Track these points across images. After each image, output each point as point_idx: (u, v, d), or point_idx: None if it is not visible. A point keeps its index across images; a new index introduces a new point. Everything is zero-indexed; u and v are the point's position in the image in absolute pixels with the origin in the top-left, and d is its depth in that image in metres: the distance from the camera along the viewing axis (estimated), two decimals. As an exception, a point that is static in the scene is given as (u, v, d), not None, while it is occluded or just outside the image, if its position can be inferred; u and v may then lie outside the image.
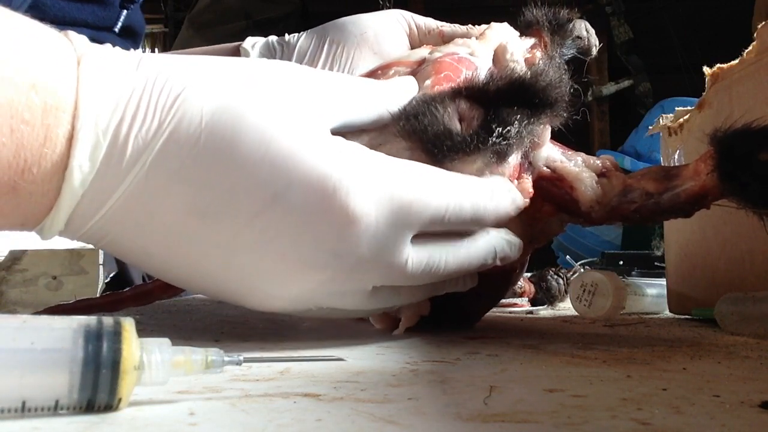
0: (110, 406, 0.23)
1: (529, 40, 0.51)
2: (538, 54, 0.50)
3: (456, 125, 0.40)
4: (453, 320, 0.51)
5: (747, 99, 0.53)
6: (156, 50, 3.48)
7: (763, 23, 0.52)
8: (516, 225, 0.47)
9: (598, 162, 0.48)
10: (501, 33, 0.50)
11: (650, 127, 0.69)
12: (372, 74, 0.48)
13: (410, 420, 0.23)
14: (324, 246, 0.35)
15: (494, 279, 0.47)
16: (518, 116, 0.41)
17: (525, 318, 0.64)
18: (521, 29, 0.52)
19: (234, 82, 0.35)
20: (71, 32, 0.33)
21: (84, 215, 0.33)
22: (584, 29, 0.53)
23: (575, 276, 0.69)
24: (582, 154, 0.49)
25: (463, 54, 0.47)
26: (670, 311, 0.66)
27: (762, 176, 0.40)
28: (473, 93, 0.41)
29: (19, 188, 0.31)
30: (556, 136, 0.49)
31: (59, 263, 0.70)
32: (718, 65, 0.57)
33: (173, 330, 0.50)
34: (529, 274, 0.77)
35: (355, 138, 0.40)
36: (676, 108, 0.65)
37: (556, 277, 0.74)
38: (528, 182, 0.45)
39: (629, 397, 0.27)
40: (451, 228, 0.40)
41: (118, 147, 0.32)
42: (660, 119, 0.67)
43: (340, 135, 0.38)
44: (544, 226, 0.49)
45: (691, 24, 2.71)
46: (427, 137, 0.39)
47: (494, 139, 0.40)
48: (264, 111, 0.34)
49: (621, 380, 0.30)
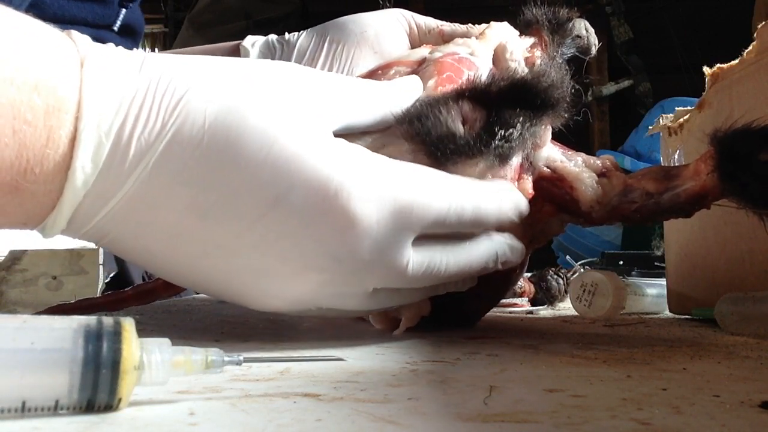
0: (110, 406, 0.23)
1: (529, 40, 0.51)
2: (538, 53, 0.50)
3: (459, 128, 0.40)
4: (453, 320, 0.51)
5: (747, 99, 0.53)
6: (156, 50, 3.48)
7: (763, 23, 0.52)
8: (516, 225, 0.47)
9: (599, 162, 0.48)
10: (501, 32, 0.50)
11: (650, 127, 0.69)
12: (372, 74, 0.48)
13: (410, 420, 0.23)
14: (325, 249, 0.35)
15: (494, 279, 0.47)
16: (520, 118, 0.41)
17: (525, 318, 0.64)
18: (521, 28, 0.52)
19: (237, 84, 0.35)
20: (74, 32, 0.33)
21: (86, 214, 0.33)
22: (584, 28, 0.53)
23: (575, 276, 0.69)
24: (582, 155, 0.49)
25: (464, 54, 0.47)
26: (670, 311, 0.66)
27: (762, 176, 0.40)
28: (476, 95, 0.41)
29: (22, 188, 0.31)
30: (557, 136, 0.49)
31: (59, 263, 0.70)
32: (718, 65, 0.57)
33: (173, 330, 0.50)
34: (529, 274, 0.77)
35: (358, 140, 0.40)
36: (676, 108, 0.65)
37: (556, 277, 0.74)
38: (528, 183, 0.45)
39: (629, 397, 0.27)
40: (453, 230, 0.40)
41: (121, 148, 0.32)
42: (660, 119, 0.67)
43: (343, 137, 0.38)
44: (545, 227, 0.49)
45: (691, 24, 2.71)
46: (431, 140, 0.39)
47: (497, 142, 0.40)
48: (267, 113, 0.34)
49: (621, 380, 0.30)
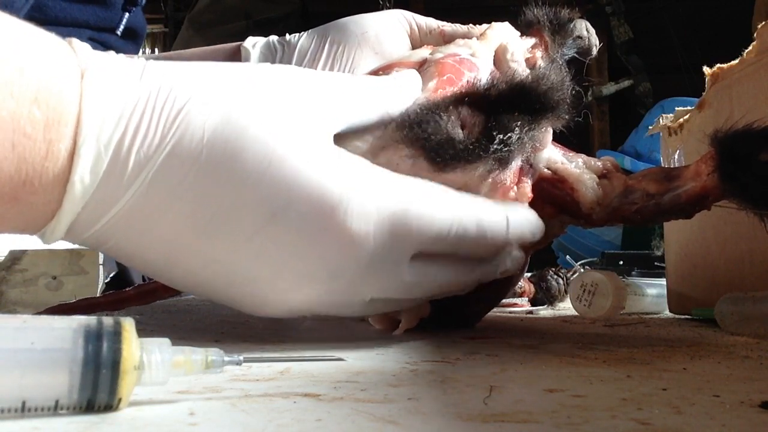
0: (110, 406, 0.23)
1: (530, 40, 0.51)
2: (539, 54, 0.50)
3: (458, 133, 0.40)
4: (453, 321, 0.51)
5: (747, 99, 0.53)
6: (156, 50, 3.48)
7: (763, 23, 0.52)
8: None
9: (599, 163, 0.48)
10: (502, 33, 0.50)
11: (650, 127, 0.69)
12: (373, 75, 0.47)
13: (410, 420, 0.23)
14: (322, 264, 0.36)
15: (495, 281, 0.47)
16: (519, 122, 0.41)
17: (525, 318, 0.64)
18: (522, 29, 0.52)
19: (237, 93, 0.35)
20: (75, 41, 0.33)
21: (85, 223, 0.33)
22: (585, 29, 0.53)
23: (575, 276, 0.69)
24: (583, 156, 0.48)
25: (465, 55, 0.47)
26: (670, 311, 0.66)
27: (763, 177, 0.40)
28: (475, 99, 0.41)
29: (21, 198, 0.31)
30: (557, 137, 0.49)
31: (59, 263, 0.70)
32: (718, 65, 0.57)
33: (173, 330, 0.50)
34: (529, 274, 0.77)
35: (358, 141, 0.40)
36: (676, 108, 0.65)
37: (556, 277, 0.74)
38: (527, 186, 0.45)
39: (629, 397, 0.27)
40: (455, 249, 0.40)
41: (120, 161, 0.32)
42: (660, 119, 0.67)
43: (345, 136, 0.38)
44: (545, 228, 0.49)
45: (691, 24, 2.71)
46: (430, 146, 0.39)
47: (495, 146, 0.40)
48: (266, 123, 0.34)
49: (621, 380, 0.30)
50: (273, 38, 0.55)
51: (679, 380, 0.30)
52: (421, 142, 0.39)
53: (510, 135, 0.40)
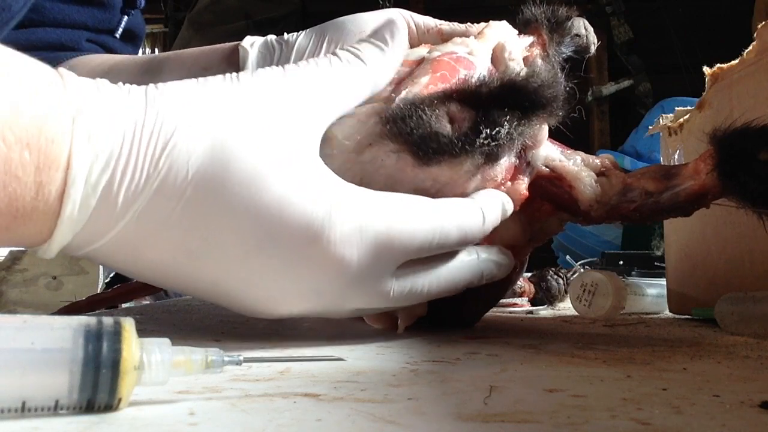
0: (110, 406, 0.23)
1: (528, 39, 0.51)
2: (537, 52, 0.50)
3: (444, 127, 0.40)
4: (452, 321, 0.51)
5: (747, 99, 0.53)
6: (156, 50, 3.48)
7: (763, 23, 0.52)
8: (515, 224, 0.47)
9: (598, 161, 0.48)
10: (499, 32, 0.50)
11: (650, 127, 0.69)
12: None
13: (410, 420, 0.23)
14: (308, 285, 0.37)
15: (495, 281, 0.47)
16: (508, 117, 0.41)
17: (525, 318, 0.64)
18: (520, 27, 0.51)
19: (219, 122, 0.35)
20: (65, 73, 0.33)
21: (77, 248, 0.34)
22: (583, 27, 0.53)
23: (575, 276, 0.69)
24: (581, 153, 0.48)
25: (462, 53, 0.47)
26: (670, 311, 0.66)
27: (761, 176, 0.40)
28: (464, 95, 0.42)
29: (13, 229, 0.32)
30: (557, 136, 0.49)
31: (59, 263, 0.70)
32: (718, 65, 0.57)
33: (173, 330, 0.50)
34: (529, 274, 0.77)
35: (345, 137, 0.40)
36: (676, 108, 0.65)
37: (556, 277, 0.74)
38: (522, 183, 0.45)
39: (629, 397, 0.27)
40: (437, 252, 0.41)
41: (110, 200, 0.33)
42: (660, 119, 0.67)
43: (330, 134, 0.39)
44: (543, 225, 0.49)
45: (691, 24, 2.71)
46: (413, 139, 0.40)
47: (481, 141, 0.40)
48: (250, 151, 0.35)
49: (621, 380, 0.30)
50: (271, 37, 0.54)
51: (679, 380, 0.30)
52: (405, 137, 0.40)
53: (498, 130, 0.40)
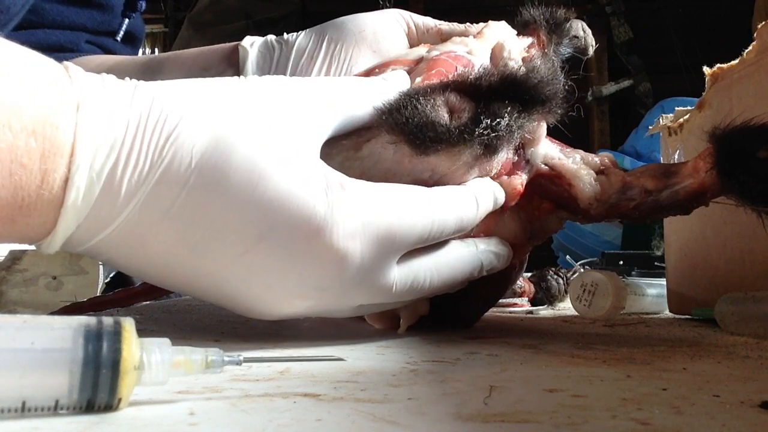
0: (110, 406, 0.23)
1: (527, 39, 0.51)
2: (535, 53, 0.50)
3: (442, 116, 0.40)
4: (452, 320, 0.51)
5: (747, 99, 0.53)
6: (156, 50, 3.48)
7: (763, 23, 0.52)
8: (514, 222, 0.47)
9: (597, 159, 0.48)
10: (498, 31, 0.50)
11: (650, 127, 0.69)
12: (370, 72, 0.48)
13: (410, 420, 0.23)
14: (310, 281, 0.37)
15: (493, 278, 0.47)
16: (508, 109, 0.41)
17: (525, 318, 0.64)
18: (518, 29, 0.52)
19: (224, 116, 0.35)
20: (71, 66, 0.33)
21: (80, 240, 0.34)
22: (581, 29, 0.53)
23: (575, 276, 0.69)
24: (580, 152, 0.48)
25: (461, 52, 0.47)
26: (670, 311, 0.66)
27: (761, 174, 0.40)
28: (464, 86, 0.42)
29: (18, 220, 0.32)
30: (557, 136, 0.49)
31: (59, 263, 0.70)
32: (718, 65, 0.57)
33: (173, 330, 0.50)
34: (529, 274, 0.77)
35: (344, 137, 0.41)
36: (676, 108, 0.65)
37: (556, 277, 0.74)
38: (519, 179, 0.45)
39: (629, 397, 0.27)
40: (435, 242, 0.41)
41: (113, 188, 0.33)
42: (660, 119, 0.67)
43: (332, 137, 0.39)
44: (543, 224, 0.49)
45: (691, 24, 2.71)
46: (409, 129, 0.40)
47: (481, 130, 0.40)
48: (252, 147, 0.35)
49: (621, 380, 0.30)
50: (271, 37, 0.55)
51: (679, 380, 0.30)
52: (401, 127, 0.40)
53: (498, 121, 0.41)
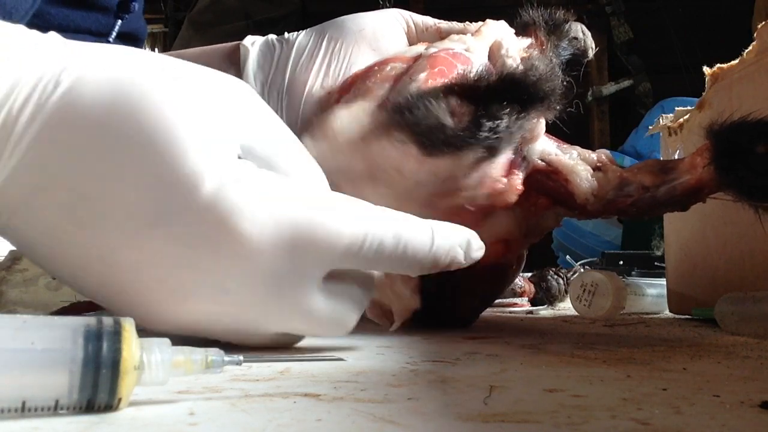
0: (110, 406, 0.23)
1: (526, 40, 0.51)
2: (533, 52, 0.50)
3: (449, 120, 0.41)
4: (448, 320, 0.51)
5: (747, 99, 0.53)
6: (156, 50, 3.48)
7: (763, 23, 0.52)
8: (508, 218, 0.47)
9: (594, 156, 0.48)
10: (497, 30, 0.50)
11: (650, 127, 0.69)
12: (369, 70, 0.48)
13: (410, 420, 0.23)
14: (210, 278, 0.32)
15: (489, 276, 0.47)
16: (508, 110, 0.41)
17: (525, 318, 0.64)
18: (518, 30, 0.52)
19: (138, 60, 0.32)
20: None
21: None
22: (580, 31, 0.53)
23: (575, 276, 0.69)
24: (577, 148, 0.49)
25: (458, 49, 0.47)
26: (670, 311, 0.66)
27: (758, 169, 0.41)
28: (464, 89, 0.42)
29: None
30: (556, 136, 0.49)
31: (59, 263, 0.70)
32: (718, 65, 0.57)
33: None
34: (529, 274, 0.77)
35: (345, 123, 0.41)
36: (676, 108, 0.65)
37: (556, 277, 0.74)
38: (517, 179, 0.45)
39: (629, 397, 0.27)
40: (374, 268, 0.36)
41: (9, 121, 0.29)
42: (660, 119, 0.67)
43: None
44: (540, 220, 0.49)
45: (691, 24, 2.71)
46: (420, 130, 0.40)
47: (485, 133, 0.40)
48: (172, 102, 0.31)
49: (621, 380, 0.30)
50: (272, 37, 0.55)
51: (679, 380, 0.30)
52: (411, 127, 0.40)
53: (498, 123, 0.41)
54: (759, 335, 0.46)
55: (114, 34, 0.73)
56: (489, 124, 0.40)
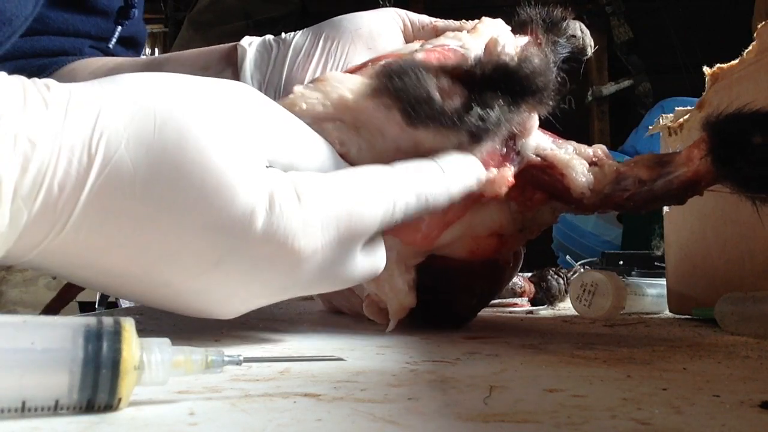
0: (110, 406, 0.23)
1: (523, 38, 0.51)
2: (531, 49, 0.50)
3: (437, 95, 0.41)
4: (446, 318, 0.51)
5: (747, 99, 0.53)
6: (156, 50, 3.48)
7: (763, 23, 0.52)
8: (500, 212, 0.47)
9: (590, 151, 0.48)
10: (493, 27, 0.50)
11: (650, 127, 0.69)
12: (363, 66, 0.48)
13: (410, 420, 0.23)
14: (273, 285, 0.36)
15: (485, 272, 0.47)
16: (500, 101, 0.41)
17: (525, 318, 0.64)
18: (516, 28, 0.52)
19: (150, 86, 0.32)
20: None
21: (18, 257, 0.32)
22: (579, 29, 0.53)
23: (575, 276, 0.69)
24: (573, 143, 0.48)
25: (454, 46, 0.47)
26: (670, 311, 0.66)
27: (754, 159, 0.40)
28: (458, 72, 0.42)
29: None
30: (555, 134, 0.49)
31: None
32: (718, 65, 0.57)
33: (173, 330, 0.50)
34: (529, 274, 0.77)
35: (349, 80, 0.41)
36: (676, 108, 0.65)
37: (556, 277, 0.74)
38: (509, 171, 0.45)
39: (629, 397, 0.27)
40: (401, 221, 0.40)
41: (48, 205, 0.30)
42: (660, 119, 0.67)
43: None
44: (536, 215, 0.49)
45: (691, 24, 2.71)
46: (407, 97, 0.40)
47: (472, 119, 0.40)
48: (212, 134, 0.32)
49: (621, 380, 0.30)
50: (269, 37, 0.55)
51: (679, 380, 0.30)
52: (399, 93, 0.40)
53: (488, 111, 0.41)
54: (759, 335, 0.46)
55: (114, 40, 0.73)
56: (479, 111, 0.41)
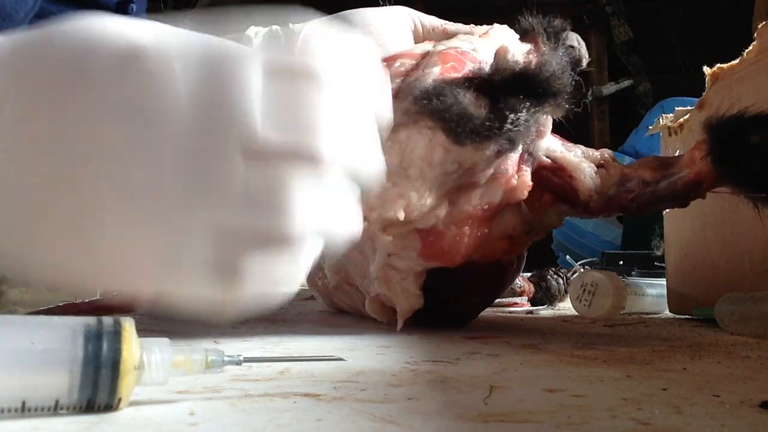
0: (110, 406, 0.23)
1: (526, 46, 0.51)
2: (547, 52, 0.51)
3: (475, 110, 0.42)
4: (449, 318, 0.51)
5: (747, 99, 0.53)
6: (156, 50, 3.48)
7: (763, 23, 0.52)
8: (515, 215, 0.47)
9: (597, 154, 0.49)
10: (503, 34, 0.51)
11: (650, 127, 0.69)
12: None
13: (410, 420, 0.23)
14: None
15: (492, 274, 0.48)
16: (526, 104, 0.42)
17: (525, 318, 0.64)
18: (517, 35, 0.52)
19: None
20: None
21: None
22: (575, 40, 0.54)
23: (575, 276, 0.69)
24: (581, 146, 0.50)
25: (467, 48, 0.48)
26: (670, 311, 0.66)
27: (754, 159, 0.41)
28: (480, 83, 0.43)
29: None
30: (559, 135, 0.50)
31: (59, 263, 0.70)
32: (718, 65, 0.57)
33: (173, 330, 0.50)
34: (529, 274, 0.77)
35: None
36: (676, 108, 0.65)
37: (556, 277, 0.74)
38: (527, 175, 0.46)
39: (629, 397, 0.27)
40: None
41: None
42: (660, 119, 0.67)
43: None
44: (543, 217, 0.50)
45: (691, 24, 2.71)
46: (450, 116, 0.41)
47: (507, 125, 0.41)
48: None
49: (621, 380, 0.30)
50: (275, 26, 0.55)
51: (679, 380, 0.30)
52: (440, 114, 0.41)
53: (519, 116, 0.42)
54: (759, 335, 0.46)
55: None
56: (511, 116, 0.41)
